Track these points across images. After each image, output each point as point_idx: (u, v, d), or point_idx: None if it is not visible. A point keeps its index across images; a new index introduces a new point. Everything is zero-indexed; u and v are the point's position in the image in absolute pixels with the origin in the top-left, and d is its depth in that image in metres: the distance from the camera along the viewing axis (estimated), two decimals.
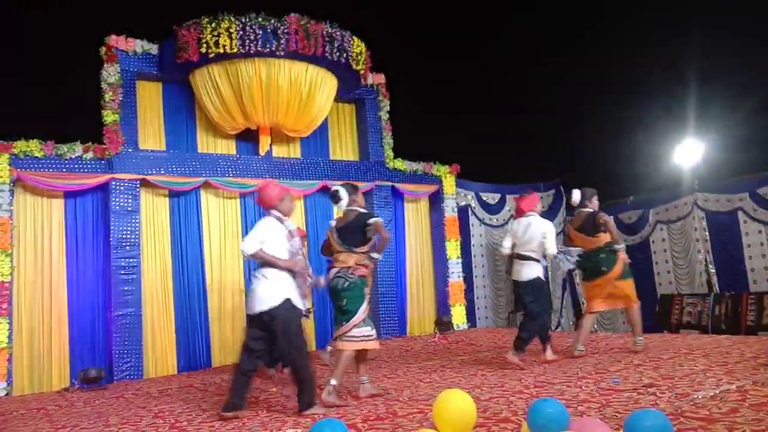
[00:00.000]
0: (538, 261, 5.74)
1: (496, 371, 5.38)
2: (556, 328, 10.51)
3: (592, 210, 5.98)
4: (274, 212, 4.35)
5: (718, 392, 3.78)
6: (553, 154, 12.35)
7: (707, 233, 9.61)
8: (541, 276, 5.76)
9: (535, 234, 5.72)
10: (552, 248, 5.68)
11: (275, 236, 4.25)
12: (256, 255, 4.17)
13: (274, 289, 4.16)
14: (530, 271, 5.73)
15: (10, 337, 6.61)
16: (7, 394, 6.45)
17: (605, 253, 5.83)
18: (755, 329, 8.35)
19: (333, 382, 4.41)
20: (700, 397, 3.70)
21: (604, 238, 5.86)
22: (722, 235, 9.43)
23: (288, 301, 4.17)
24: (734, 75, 10.15)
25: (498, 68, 12.61)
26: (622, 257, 5.84)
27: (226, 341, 7.89)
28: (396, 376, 5.56)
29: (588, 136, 11.82)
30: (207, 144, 8.42)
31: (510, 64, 12.58)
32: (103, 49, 7.54)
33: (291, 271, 4.26)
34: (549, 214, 10.71)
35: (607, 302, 5.94)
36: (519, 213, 5.95)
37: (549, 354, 5.76)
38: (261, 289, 4.19)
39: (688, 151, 10.75)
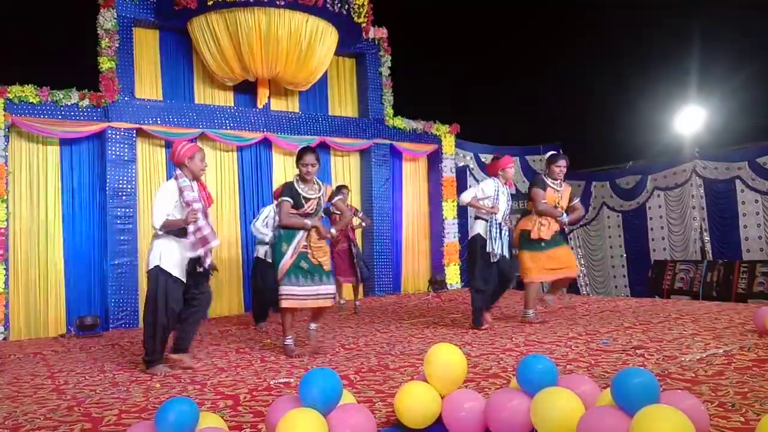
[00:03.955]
0: (482, 219, 5.64)
1: (486, 330, 5.45)
2: None
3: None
4: (181, 173, 4.35)
5: (705, 356, 3.84)
6: (553, 117, 12.27)
7: (704, 201, 9.63)
8: (483, 234, 5.59)
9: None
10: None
11: (175, 205, 4.28)
12: (165, 226, 4.23)
13: (150, 255, 4.30)
14: (472, 228, 5.76)
15: (6, 282, 6.64)
16: (4, 339, 6.52)
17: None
18: (745, 297, 8.46)
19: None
20: (687, 359, 3.76)
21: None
22: (719, 203, 9.46)
23: (156, 267, 4.25)
24: (736, 41, 10.02)
25: (501, 30, 12.39)
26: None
27: (221, 292, 7.94)
28: (389, 332, 5.63)
29: (589, 101, 11.73)
30: (204, 95, 8.31)
31: (513, 27, 12.37)
32: None
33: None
34: None
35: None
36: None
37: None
38: (148, 251, 4.38)
39: (690, 118, 10.68)
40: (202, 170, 4.43)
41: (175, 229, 4.25)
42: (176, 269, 4.26)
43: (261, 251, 6.49)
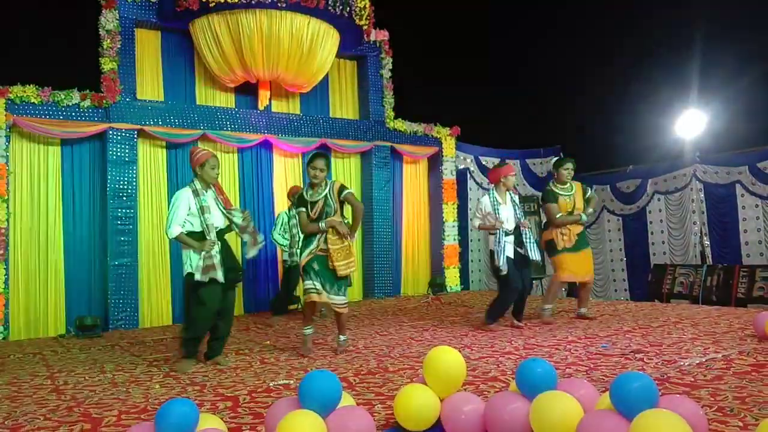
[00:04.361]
0: (491, 234, 5.64)
1: (486, 333, 5.45)
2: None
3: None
4: (196, 180, 4.45)
5: (704, 360, 3.85)
6: (553, 120, 12.27)
7: (704, 205, 9.63)
8: (492, 248, 5.60)
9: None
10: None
11: (189, 213, 4.36)
12: (178, 239, 4.34)
13: (184, 263, 4.42)
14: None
15: (6, 282, 6.64)
16: (3, 339, 6.51)
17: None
18: (745, 301, 8.45)
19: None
20: (686, 364, 3.76)
21: None
22: (719, 208, 9.45)
23: (188, 275, 4.36)
24: (738, 45, 10.03)
25: (502, 33, 12.41)
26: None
27: None
28: (388, 334, 5.63)
29: (589, 104, 11.73)
30: (206, 96, 8.32)
31: (514, 30, 12.38)
32: None
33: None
34: (549, 179, 10.71)
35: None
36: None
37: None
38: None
39: (691, 122, 10.69)
40: (213, 178, 4.48)
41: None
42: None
43: (286, 254, 7.03)
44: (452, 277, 9.89)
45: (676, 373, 3.54)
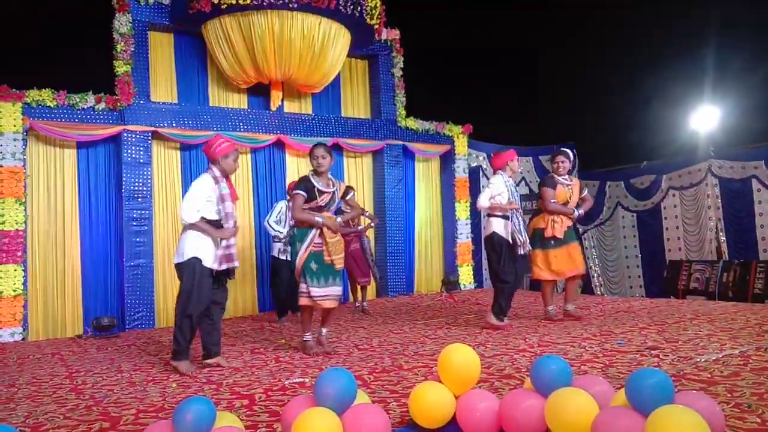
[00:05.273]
0: (498, 216, 5.60)
1: (501, 330, 5.44)
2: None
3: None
4: (214, 168, 4.42)
5: (721, 356, 3.82)
6: (567, 117, 12.22)
7: (720, 200, 9.54)
8: (499, 232, 5.56)
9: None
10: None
11: (207, 200, 4.32)
12: (195, 225, 4.28)
13: (185, 247, 4.31)
14: (488, 227, 5.71)
15: (24, 284, 6.73)
16: (23, 339, 6.60)
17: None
18: (762, 297, 8.37)
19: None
20: (702, 360, 3.74)
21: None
22: (734, 203, 9.36)
23: (193, 258, 4.28)
24: (752, 40, 9.94)
25: (513, 30, 12.37)
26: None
27: (235, 293, 7.99)
28: (402, 332, 5.64)
29: (603, 100, 11.68)
30: (218, 97, 8.37)
31: (528, 27, 12.34)
32: None
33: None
34: None
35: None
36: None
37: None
38: (179, 243, 4.39)
39: (705, 117, 10.60)
40: (234, 171, 4.50)
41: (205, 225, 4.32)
42: (210, 261, 4.34)
43: (275, 249, 6.67)
44: (466, 275, 9.88)
45: (692, 369, 3.52)
